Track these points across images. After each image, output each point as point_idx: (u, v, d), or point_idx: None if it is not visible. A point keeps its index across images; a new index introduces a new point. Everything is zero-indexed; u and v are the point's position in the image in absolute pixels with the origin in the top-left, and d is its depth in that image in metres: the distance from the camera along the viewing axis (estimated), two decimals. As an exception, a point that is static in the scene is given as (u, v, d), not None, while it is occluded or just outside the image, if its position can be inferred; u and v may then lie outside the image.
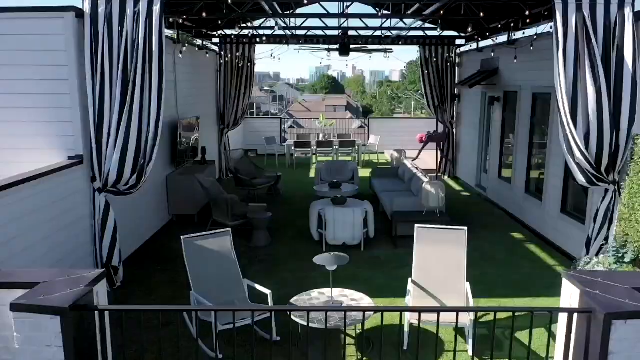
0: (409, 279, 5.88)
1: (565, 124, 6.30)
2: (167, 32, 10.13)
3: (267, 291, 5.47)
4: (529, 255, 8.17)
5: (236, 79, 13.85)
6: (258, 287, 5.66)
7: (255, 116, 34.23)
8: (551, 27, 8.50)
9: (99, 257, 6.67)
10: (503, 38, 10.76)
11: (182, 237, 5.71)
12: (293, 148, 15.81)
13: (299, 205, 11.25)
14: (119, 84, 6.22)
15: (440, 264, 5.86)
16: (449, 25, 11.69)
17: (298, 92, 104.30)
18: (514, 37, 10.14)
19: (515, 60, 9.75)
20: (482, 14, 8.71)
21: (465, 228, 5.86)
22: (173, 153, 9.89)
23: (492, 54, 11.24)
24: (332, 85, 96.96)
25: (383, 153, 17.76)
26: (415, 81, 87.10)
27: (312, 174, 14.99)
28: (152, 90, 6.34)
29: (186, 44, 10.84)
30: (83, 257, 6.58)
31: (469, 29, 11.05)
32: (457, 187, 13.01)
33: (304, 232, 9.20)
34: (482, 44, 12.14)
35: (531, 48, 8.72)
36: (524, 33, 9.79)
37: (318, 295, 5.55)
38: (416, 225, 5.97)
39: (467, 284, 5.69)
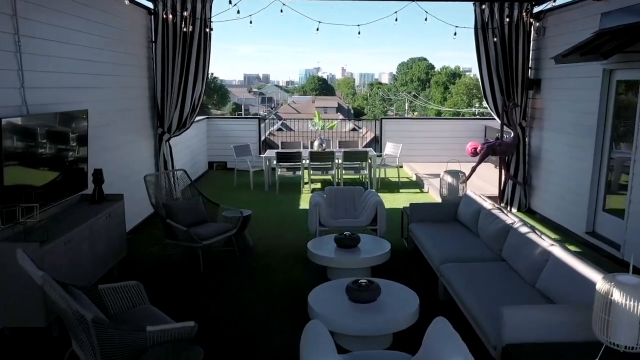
0: None
1: None
2: None
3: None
4: None
5: (182, 52, 8.36)
6: None
7: (224, 116, 27.91)
8: None
9: None
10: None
11: None
12: (275, 162, 10.31)
13: (281, 280, 5.76)
14: None
15: None
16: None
17: (287, 94, 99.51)
18: None
19: None
20: None
21: None
22: (-3, 190, 4.37)
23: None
24: (322, 87, 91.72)
25: (402, 167, 12.32)
26: (407, 82, 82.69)
27: (303, 203, 9.52)
28: None
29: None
30: None
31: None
32: (542, 230, 7.56)
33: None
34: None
35: None
36: None
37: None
38: None
39: None
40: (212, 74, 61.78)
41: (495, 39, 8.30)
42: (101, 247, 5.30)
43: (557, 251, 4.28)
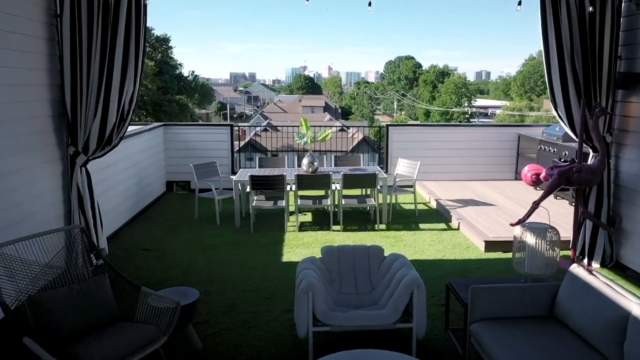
0: None
1: None
2: None
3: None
4: None
5: (102, 33, 5.39)
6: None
7: (185, 123, 22.55)
8: None
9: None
10: None
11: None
12: (249, 188, 7.37)
13: None
14: None
15: None
16: None
17: (274, 93, 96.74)
18: None
19: None
20: None
21: None
22: None
23: None
24: (309, 86, 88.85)
25: (412, 187, 9.41)
26: (395, 81, 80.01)
27: (287, 250, 6.60)
28: None
29: None
30: None
31: None
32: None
33: None
34: None
35: None
36: None
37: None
38: None
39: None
40: (192, 71, 58.06)
41: (557, 27, 5.48)
42: None
43: None
